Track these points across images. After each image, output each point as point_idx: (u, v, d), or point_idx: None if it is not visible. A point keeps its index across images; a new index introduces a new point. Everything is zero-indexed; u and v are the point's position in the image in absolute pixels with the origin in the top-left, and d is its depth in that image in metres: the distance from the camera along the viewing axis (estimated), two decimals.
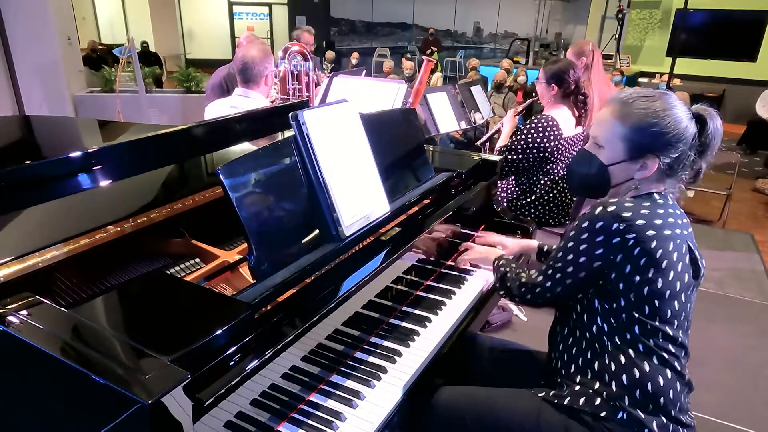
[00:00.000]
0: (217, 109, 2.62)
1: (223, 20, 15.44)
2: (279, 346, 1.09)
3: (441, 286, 1.73)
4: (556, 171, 2.86)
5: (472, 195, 1.98)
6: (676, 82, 8.48)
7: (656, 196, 1.30)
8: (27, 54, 5.75)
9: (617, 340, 1.27)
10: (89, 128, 2.58)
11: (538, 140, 2.75)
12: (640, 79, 9.99)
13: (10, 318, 0.98)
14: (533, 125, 2.78)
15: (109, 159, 1.52)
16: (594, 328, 1.31)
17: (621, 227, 1.21)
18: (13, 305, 1.02)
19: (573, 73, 2.79)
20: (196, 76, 6.41)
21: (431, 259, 1.77)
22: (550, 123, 2.76)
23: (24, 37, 5.70)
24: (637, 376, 1.24)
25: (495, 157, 2.20)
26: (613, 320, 1.28)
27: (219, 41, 15.17)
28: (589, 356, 1.31)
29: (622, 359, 1.26)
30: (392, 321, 1.52)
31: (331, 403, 1.21)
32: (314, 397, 1.21)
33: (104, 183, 1.49)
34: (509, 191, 3.03)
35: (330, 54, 10.09)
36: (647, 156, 1.28)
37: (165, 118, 5.84)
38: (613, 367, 1.26)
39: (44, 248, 1.18)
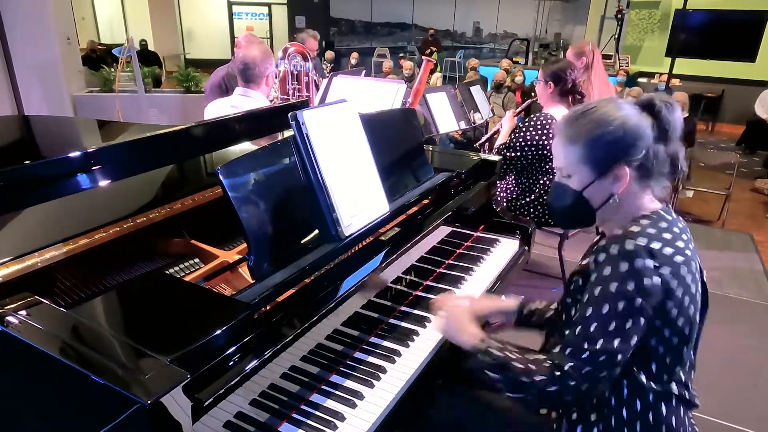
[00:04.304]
0: (217, 108, 2.62)
1: (222, 20, 15.43)
2: (278, 346, 1.09)
3: (440, 286, 1.73)
4: (555, 170, 2.86)
5: (472, 195, 1.98)
6: (675, 82, 8.49)
7: (663, 212, 1.20)
8: (26, 54, 5.75)
9: (623, 379, 1.16)
10: (88, 128, 2.58)
11: (537, 138, 2.76)
12: (639, 80, 10.00)
13: (10, 318, 0.98)
14: (532, 123, 2.79)
15: (109, 159, 1.52)
16: None
17: (657, 263, 1.09)
18: (13, 305, 1.02)
19: (571, 73, 2.80)
20: (196, 76, 6.41)
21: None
22: (549, 121, 2.76)
23: (23, 37, 5.70)
24: (638, 409, 1.16)
25: (494, 157, 2.20)
26: (632, 364, 1.14)
27: (218, 41, 15.16)
28: None
29: (625, 394, 1.16)
30: (392, 321, 1.52)
31: (330, 403, 1.21)
32: (314, 397, 1.21)
33: (103, 183, 1.49)
34: (509, 191, 3.03)
35: (329, 54, 10.09)
36: (614, 167, 1.17)
37: (164, 118, 5.84)
38: (613, 402, 1.17)
39: (43, 248, 1.18)
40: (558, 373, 1.09)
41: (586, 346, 1.08)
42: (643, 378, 1.15)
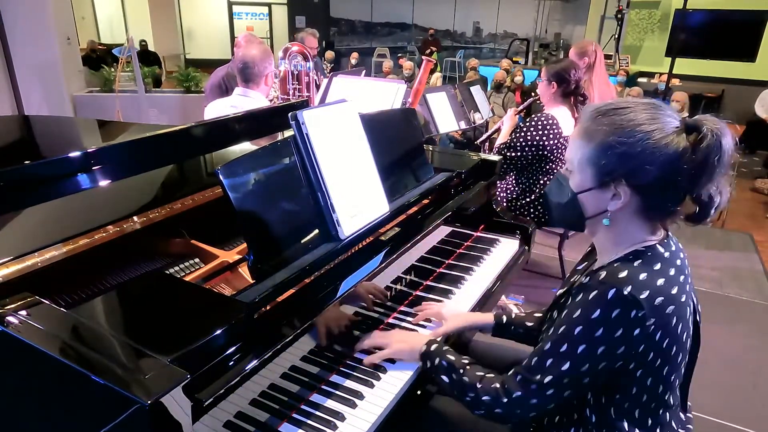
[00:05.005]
0: (217, 108, 2.62)
1: (222, 20, 15.44)
2: (278, 346, 1.09)
3: (440, 285, 1.73)
4: (555, 170, 2.86)
5: (472, 195, 1.98)
6: (675, 82, 8.49)
7: (660, 249, 1.08)
8: (26, 54, 5.76)
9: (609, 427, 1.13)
10: (88, 128, 2.58)
11: (537, 138, 2.76)
12: (639, 80, 10.00)
13: (10, 318, 0.98)
14: (533, 123, 2.79)
15: (109, 159, 1.52)
16: (579, 419, 1.16)
17: (640, 314, 0.99)
18: (13, 305, 1.01)
19: (574, 73, 2.80)
20: (196, 76, 6.42)
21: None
22: (550, 121, 2.76)
23: (23, 37, 5.70)
24: None
25: (494, 157, 2.20)
26: (612, 412, 1.11)
27: (218, 41, 15.17)
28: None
29: None
30: (392, 321, 1.52)
31: (330, 403, 1.20)
32: (314, 397, 1.21)
33: (104, 183, 1.49)
34: (509, 191, 3.03)
35: (329, 54, 10.10)
36: (617, 182, 1.04)
37: (164, 118, 5.85)
38: None
39: (43, 248, 1.18)
40: (505, 399, 1.11)
41: (537, 377, 1.07)
42: (626, 426, 1.11)
